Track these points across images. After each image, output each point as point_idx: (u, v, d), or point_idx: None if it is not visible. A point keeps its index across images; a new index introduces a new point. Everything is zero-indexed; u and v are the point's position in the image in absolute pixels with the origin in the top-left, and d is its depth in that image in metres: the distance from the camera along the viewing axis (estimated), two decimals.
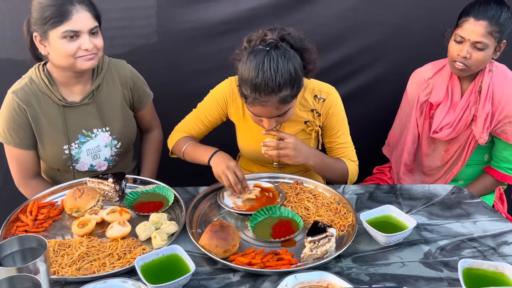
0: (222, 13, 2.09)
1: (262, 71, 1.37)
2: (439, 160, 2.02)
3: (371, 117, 2.27)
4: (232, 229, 1.33)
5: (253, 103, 1.43)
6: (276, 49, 1.40)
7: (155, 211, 1.49)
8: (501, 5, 1.71)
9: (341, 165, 1.71)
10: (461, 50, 1.76)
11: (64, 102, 1.64)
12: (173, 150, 1.81)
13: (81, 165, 1.73)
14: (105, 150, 1.75)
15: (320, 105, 1.68)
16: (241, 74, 1.43)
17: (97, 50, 1.57)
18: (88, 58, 1.55)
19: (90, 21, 1.53)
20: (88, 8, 1.53)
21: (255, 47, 1.43)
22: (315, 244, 1.26)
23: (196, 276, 1.23)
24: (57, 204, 1.56)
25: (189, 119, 1.81)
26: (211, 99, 1.76)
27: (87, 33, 1.53)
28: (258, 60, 1.39)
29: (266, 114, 1.47)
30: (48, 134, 1.65)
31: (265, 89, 1.38)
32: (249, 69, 1.39)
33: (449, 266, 1.27)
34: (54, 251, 1.30)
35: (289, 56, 1.41)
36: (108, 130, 1.73)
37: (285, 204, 1.54)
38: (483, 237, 1.40)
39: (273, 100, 1.41)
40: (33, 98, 1.61)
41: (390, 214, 1.45)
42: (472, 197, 1.63)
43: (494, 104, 1.83)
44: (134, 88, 1.79)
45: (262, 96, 1.40)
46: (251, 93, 1.41)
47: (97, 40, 1.57)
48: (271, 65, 1.37)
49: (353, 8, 2.11)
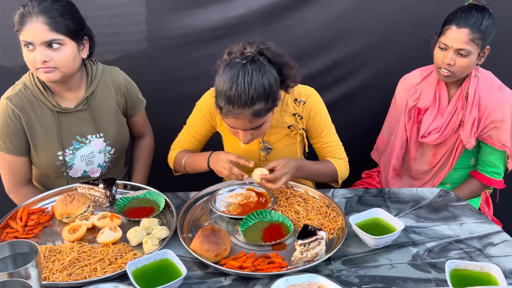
0: (211, 19, 2.11)
1: (236, 84, 1.39)
2: (427, 164, 2.05)
3: (359, 122, 2.30)
4: (223, 233, 1.34)
5: (227, 114, 1.45)
6: (252, 63, 1.42)
7: (146, 216, 1.49)
8: (483, 12, 1.75)
9: (329, 167, 1.72)
10: (445, 57, 1.80)
11: (58, 108, 1.64)
12: (175, 168, 1.82)
13: (74, 171, 1.72)
14: (99, 156, 1.75)
15: (301, 108, 1.70)
16: (217, 85, 1.46)
17: (56, 64, 1.52)
18: (44, 71, 1.52)
19: (43, 34, 1.48)
20: (48, 21, 1.48)
21: (232, 60, 1.45)
22: (306, 247, 1.28)
23: (188, 280, 1.24)
24: (47, 210, 1.55)
25: (181, 136, 1.83)
26: (197, 112, 1.78)
27: (42, 45, 1.49)
28: (233, 73, 1.41)
29: (240, 127, 1.49)
30: (42, 140, 1.65)
31: (238, 102, 1.40)
32: (224, 81, 1.42)
33: (437, 267, 1.29)
34: (45, 257, 1.30)
35: (264, 71, 1.43)
36: (102, 136, 1.74)
37: (275, 208, 1.56)
38: (469, 239, 1.43)
39: (246, 113, 1.43)
40: (28, 104, 1.61)
41: (378, 217, 1.47)
42: (458, 200, 1.66)
43: (481, 109, 1.87)
44: (128, 95, 1.80)
45: (236, 108, 1.42)
46: (225, 105, 1.43)
47: (56, 54, 1.51)
48: (245, 79, 1.39)
49: (341, 15, 2.14)
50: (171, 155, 1.82)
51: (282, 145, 1.74)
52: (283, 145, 1.74)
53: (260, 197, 1.61)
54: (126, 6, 2.07)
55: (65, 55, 1.53)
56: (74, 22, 1.54)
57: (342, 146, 1.79)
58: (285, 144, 1.74)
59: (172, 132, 2.15)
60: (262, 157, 1.76)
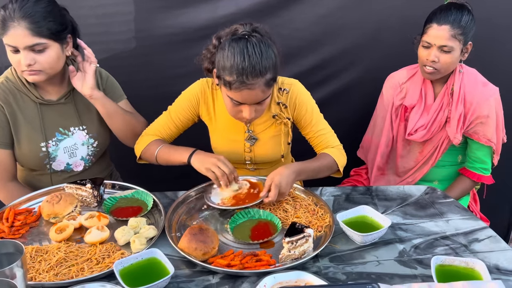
0: (200, 18, 2.10)
1: (247, 55, 1.41)
2: (413, 161, 2.07)
3: (346, 121, 2.31)
4: (211, 232, 1.35)
5: (240, 88, 1.44)
6: (254, 37, 1.45)
7: (134, 216, 1.49)
8: (462, 9, 1.80)
9: (328, 161, 1.68)
10: (429, 55, 1.82)
11: (41, 100, 1.65)
12: (142, 156, 1.74)
13: (57, 164, 1.72)
14: (82, 148, 1.75)
15: (285, 96, 1.71)
16: (223, 62, 1.45)
17: (41, 67, 1.53)
18: (29, 74, 1.54)
19: (26, 39, 1.48)
20: (30, 26, 1.47)
21: (233, 37, 1.46)
22: (293, 245, 1.28)
23: (176, 279, 1.24)
24: (34, 211, 1.54)
25: (159, 121, 1.78)
26: (183, 99, 1.76)
27: (26, 49, 1.49)
28: (241, 46, 1.42)
29: (253, 99, 1.48)
30: (26, 131, 1.65)
31: (252, 72, 1.41)
32: (234, 54, 1.42)
33: (423, 263, 1.31)
34: (31, 257, 1.29)
35: (268, 43, 1.46)
36: (85, 128, 1.74)
37: (264, 207, 1.56)
38: (455, 235, 1.44)
39: (259, 83, 1.44)
40: (10, 96, 1.62)
41: (365, 214, 1.48)
42: (445, 197, 1.67)
43: (466, 105, 1.89)
44: (106, 88, 1.78)
45: (250, 79, 1.42)
46: (238, 77, 1.42)
47: (40, 57, 1.52)
48: (255, 49, 1.42)
49: (329, 14, 2.15)
50: (142, 141, 1.74)
51: (268, 136, 1.74)
52: (269, 136, 1.74)
53: (252, 188, 1.60)
54: (114, 5, 2.06)
55: (49, 57, 1.54)
56: (56, 23, 1.53)
57: (334, 133, 1.77)
58: (270, 135, 1.74)
59: None
60: (247, 148, 1.75)
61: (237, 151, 1.76)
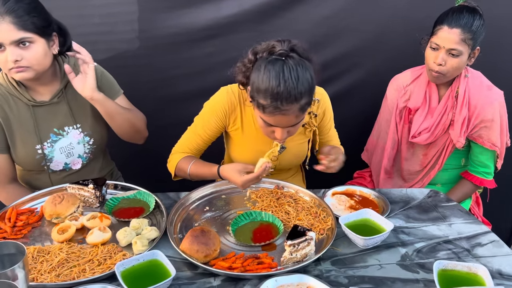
0: (203, 18, 2.10)
1: (283, 80, 1.36)
2: (418, 165, 2.06)
3: (350, 123, 2.30)
4: (213, 234, 1.34)
5: (274, 112, 1.41)
6: (291, 59, 1.40)
7: (136, 217, 1.49)
8: (474, 13, 1.76)
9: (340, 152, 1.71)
10: (436, 57, 1.81)
11: (33, 102, 1.64)
12: (176, 173, 1.73)
13: (55, 164, 1.72)
14: (78, 147, 1.75)
15: (316, 106, 1.71)
16: (258, 84, 1.41)
17: (28, 63, 1.51)
18: (16, 71, 1.52)
19: (11, 33, 1.46)
20: (13, 20, 1.46)
21: (269, 58, 1.41)
22: (295, 248, 1.28)
23: (177, 281, 1.24)
24: (36, 211, 1.55)
25: (186, 137, 1.75)
26: (210, 112, 1.70)
27: (12, 45, 1.48)
28: (277, 69, 1.37)
29: (285, 123, 1.46)
30: (20, 135, 1.65)
31: (287, 98, 1.37)
32: (269, 78, 1.38)
33: (425, 268, 1.30)
34: (33, 258, 1.29)
35: (305, 65, 1.41)
36: (79, 127, 1.74)
37: (265, 209, 1.56)
38: (458, 239, 1.44)
39: (294, 109, 1.41)
40: (2, 101, 1.61)
41: (368, 217, 1.47)
42: (448, 201, 1.67)
43: (470, 109, 1.88)
44: (101, 84, 1.75)
45: (284, 105, 1.38)
46: (272, 102, 1.38)
47: (26, 53, 1.50)
48: (292, 74, 1.37)
49: (332, 16, 2.14)
50: (173, 159, 1.73)
51: (294, 144, 1.74)
52: (295, 144, 1.74)
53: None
54: (118, 5, 2.06)
55: (35, 52, 1.52)
56: (40, 19, 1.52)
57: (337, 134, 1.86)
58: (297, 143, 1.74)
59: (164, 130, 2.15)
60: (274, 157, 1.72)
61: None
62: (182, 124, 1.99)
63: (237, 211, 1.55)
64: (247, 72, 1.52)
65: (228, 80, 1.66)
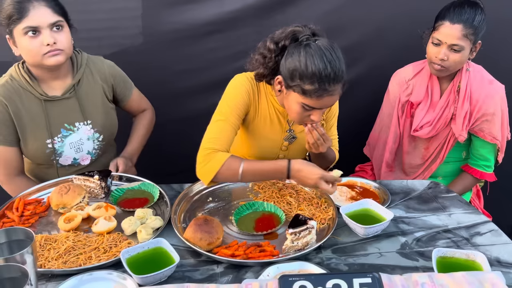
0: (206, 14, 2.13)
1: (328, 62, 1.37)
2: (420, 158, 2.08)
3: (352, 117, 2.31)
4: (216, 222, 1.37)
5: (322, 95, 1.40)
6: (322, 41, 1.42)
7: (141, 207, 1.52)
8: (475, 7, 1.77)
9: (332, 155, 1.76)
10: (438, 52, 1.82)
11: (45, 96, 1.66)
12: (219, 175, 1.47)
13: (64, 159, 1.75)
14: (88, 143, 1.78)
15: None
16: (301, 70, 1.38)
17: (62, 46, 1.58)
18: (52, 54, 1.56)
19: (49, 16, 1.54)
20: (47, 4, 1.54)
21: (304, 42, 1.41)
22: (296, 236, 1.30)
23: (181, 268, 1.27)
24: (43, 201, 1.58)
25: (217, 129, 1.55)
26: (238, 98, 1.59)
27: (48, 28, 1.54)
28: (319, 52, 1.37)
29: (330, 104, 1.46)
30: (31, 129, 1.67)
31: (334, 78, 1.38)
32: (313, 62, 1.37)
33: (425, 255, 1.32)
34: (41, 246, 1.32)
35: (335, 45, 1.43)
36: (90, 123, 1.76)
37: (268, 200, 1.58)
38: (457, 229, 1.46)
39: (338, 88, 1.42)
40: (15, 95, 1.63)
41: (369, 207, 1.50)
42: (448, 192, 1.69)
43: (472, 103, 1.90)
44: (115, 82, 1.82)
45: (331, 85, 1.39)
46: (321, 85, 1.38)
47: (60, 36, 1.57)
48: (332, 55, 1.38)
49: (334, 10, 2.16)
50: (215, 159, 1.47)
51: (303, 135, 1.75)
52: (304, 135, 1.76)
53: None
54: (122, 1, 2.09)
55: (66, 36, 1.60)
56: (60, 5, 1.60)
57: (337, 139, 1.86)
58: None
59: (167, 125, 2.17)
60: (284, 147, 1.74)
61: (272, 150, 1.73)
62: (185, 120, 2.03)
63: (239, 202, 1.58)
64: (270, 63, 1.50)
65: (232, 75, 1.67)
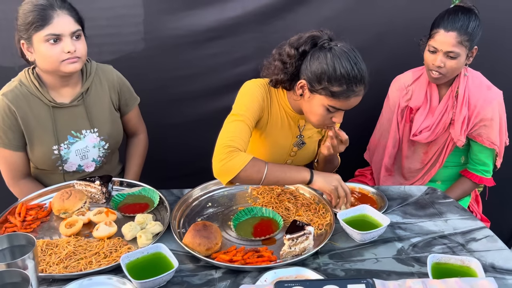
0: (207, 20, 2.15)
1: (354, 63, 1.42)
2: (419, 162, 2.09)
3: (351, 122, 2.31)
4: (214, 228, 1.39)
5: (349, 96, 1.45)
6: (342, 44, 1.47)
7: (141, 212, 1.54)
8: (469, 14, 1.79)
9: (337, 160, 1.83)
10: (435, 60, 1.84)
11: (54, 103, 1.68)
12: (242, 174, 1.42)
13: (69, 165, 1.77)
14: (93, 150, 1.80)
15: None
16: (329, 73, 1.42)
17: (80, 54, 1.62)
18: (71, 61, 1.60)
19: (71, 25, 1.58)
20: (70, 13, 1.59)
21: (328, 46, 1.46)
22: (294, 242, 1.32)
23: (180, 273, 1.29)
24: (45, 206, 1.60)
25: (238, 129, 1.51)
26: (254, 100, 1.59)
27: (69, 36, 1.58)
28: (344, 55, 1.43)
29: (354, 105, 1.51)
30: (38, 135, 1.69)
31: (360, 79, 1.44)
32: (341, 64, 1.42)
33: (420, 261, 1.34)
34: (42, 251, 1.34)
35: (353, 47, 1.47)
36: (96, 131, 1.78)
37: (266, 205, 1.60)
38: (453, 235, 1.47)
39: (362, 89, 1.48)
40: (23, 100, 1.66)
41: (366, 213, 1.51)
42: (445, 198, 1.70)
43: (470, 108, 1.91)
44: (121, 92, 1.85)
45: (358, 86, 1.44)
46: (348, 87, 1.43)
47: (79, 45, 1.62)
48: (356, 57, 1.44)
49: (334, 16, 2.17)
50: (238, 158, 1.42)
51: (312, 141, 1.78)
52: (312, 141, 1.78)
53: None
54: (124, 7, 2.11)
55: (84, 45, 1.65)
56: (79, 14, 1.65)
57: None
58: (313, 140, 1.79)
59: (168, 130, 2.20)
60: (293, 152, 1.76)
61: (281, 156, 1.75)
62: (186, 125, 2.05)
63: (238, 207, 1.60)
64: (291, 68, 1.52)
65: (232, 81, 1.68)
